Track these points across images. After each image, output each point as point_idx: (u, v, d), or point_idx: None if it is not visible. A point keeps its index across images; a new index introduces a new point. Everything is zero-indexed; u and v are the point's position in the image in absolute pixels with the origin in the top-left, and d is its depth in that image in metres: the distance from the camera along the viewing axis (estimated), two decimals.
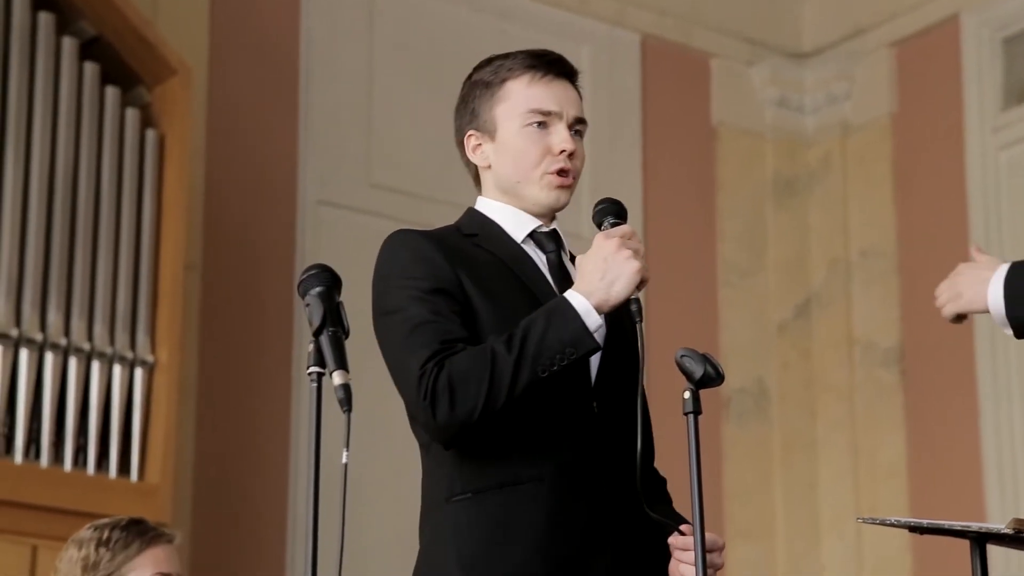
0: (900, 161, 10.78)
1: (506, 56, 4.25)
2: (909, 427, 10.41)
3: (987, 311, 4.12)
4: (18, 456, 7.71)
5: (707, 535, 3.83)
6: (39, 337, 7.87)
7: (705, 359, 3.81)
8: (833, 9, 11.16)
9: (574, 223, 4.56)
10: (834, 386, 10.76)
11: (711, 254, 10.74)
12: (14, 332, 7.83)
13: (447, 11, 9.73)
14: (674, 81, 10.95)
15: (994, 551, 4.63)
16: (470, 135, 4.21)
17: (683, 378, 3.86)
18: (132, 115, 8.39)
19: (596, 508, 3.97)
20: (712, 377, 3.79)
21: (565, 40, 10.30)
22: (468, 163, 4.28)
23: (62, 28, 8.30)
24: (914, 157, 10.71)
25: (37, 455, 7.78)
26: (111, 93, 8.35)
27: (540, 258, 4.16)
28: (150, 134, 8.42)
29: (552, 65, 4.22)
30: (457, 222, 4.22)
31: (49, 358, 7.88)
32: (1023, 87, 10.34)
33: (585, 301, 3.89)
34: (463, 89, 4.28)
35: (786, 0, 11.25)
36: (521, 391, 3.85)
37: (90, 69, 8.31)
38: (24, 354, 7.84)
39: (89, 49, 8.39)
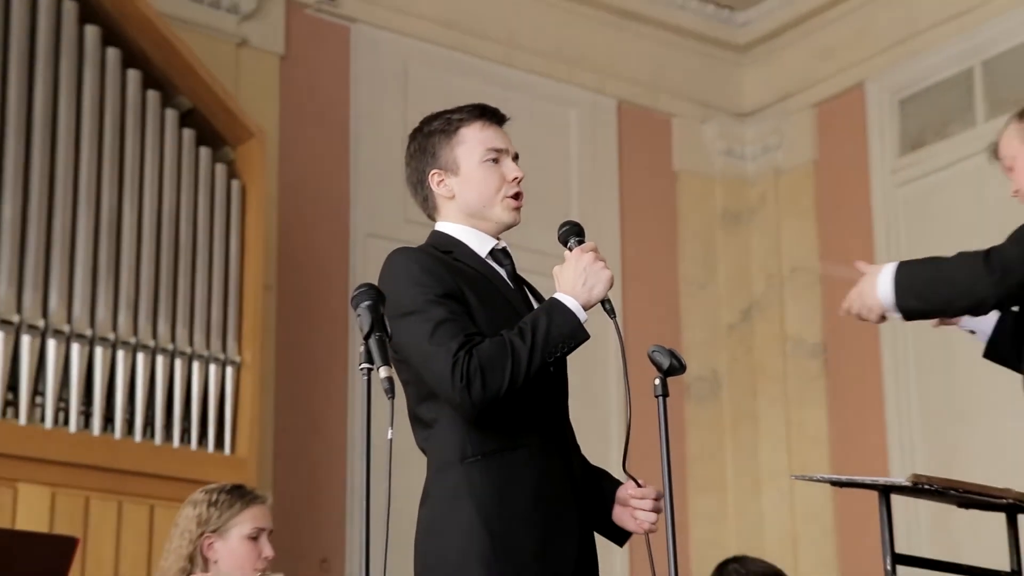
0: (820, 197, 10.79)
1: (453, 110, 4.30)
2: (830, 405, 10.45)
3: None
4: (137, 436, 7.78)
5: (652, 488, 4.08)
6: (151, 343, 7.94)
7: (671, 353, 3.99)
8: (766, 77, 11.17)
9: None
10: (771, 373, 10.80)
11: (674, 271, 10.75)
12: (133, 339, 7.89)
13: (464, 84, 9.72)
14: (643, 136, 10.93)
15: (897, 500, 4.61)
16: (434, 173, 4.22)
17: (654, 368, 3.99)
18: (221, 170, 8.47)
19: (566, 464, 4.09)
20: (676, 367, 3.96)
21: (557, 104, 10.55)
22: (426, 197, 4.29)
23: (166, 102, 8.35)
24: (831, 194, 10.74)
25: (152, 435, 7.85)
26: (204, 152, 8.43)
27: (500, 271, 4.20)
28: (235, 184, 8.51)
29: (495, 114, 4.29)
30: (428, 242, 4.24)
31: (160, 359, 7.93)
32: (916, 137, 10.36)
33: (575, 301, 3.96)
34: (416, 140, 4.30)
35: (729, 71, 11.24)
36: (533, 374, 3.89)
37: (188, 134, 8.38)
38: (141, 356, 7.88)
39: (187, 118, 8.45)
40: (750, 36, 11.18)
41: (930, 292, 4.30)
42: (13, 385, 7.52)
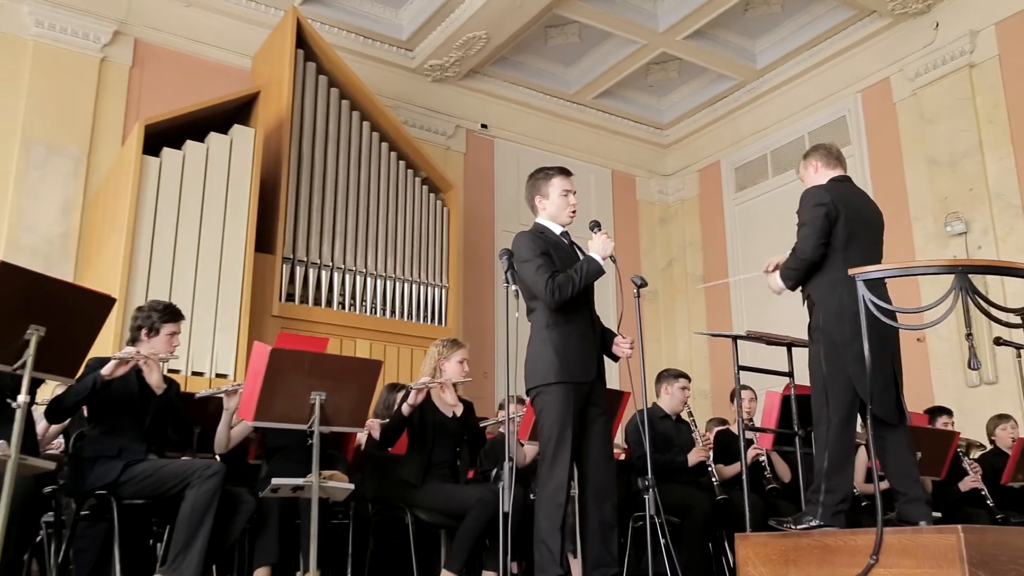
0: (702, 212, 10.56)
1: (549, 167, 4.21)
2: (707, 303, 10.26)
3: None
4: (405, 319, 7.71)
5: (629, 338, 4.08)
6: (411, 278, 7.88)
7: (641, 278, 3.98)
8: (677, 159, 10.89)
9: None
10: (680, 290, 10.53)
11: (637, 244, 10.60)
12: (403, 276, 7.82)
13: (542, 165, 9.66)
14: (622, 187, 10.69)
15: (741, 343, 4.59)
16: (537, 196, 4.15)
17: (633, 286, 4.02)
18: (439, 203, 8.36)
19: (592, 329, 4.01)
20: (644, 284, 4.01)
21: (586, 174, 10.33)
22: (533, 207, 4.18)
23: (415, 174, 8.26)
24: (707, 211, 10.50)
25: (412, 318, 7.75)
26: (432, 196, 8.31)
27: (565, 243, 4.10)
28: (445, 210, 8.37)
29: (568, 172, 4.18)
30: (532, 228, 4.14)
31: (415, 286, 7.87)
32: (741, 185, 10.16)
33: (598, 256, 3.93)
34: (531, 180, 4.19)
35: (661, 156, 10.97)
36: (582, 289, 3.88)
37: (425, 188, 8.27)
38: (406, 284, 7.83)
39: (425, 181, 8.31)
40: (670, 141, 10.86)
41: (787, 278, 4.04)
42: (353, 296, 7.49)
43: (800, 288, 4.13)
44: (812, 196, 4.05)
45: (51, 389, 4.86)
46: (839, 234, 3.99)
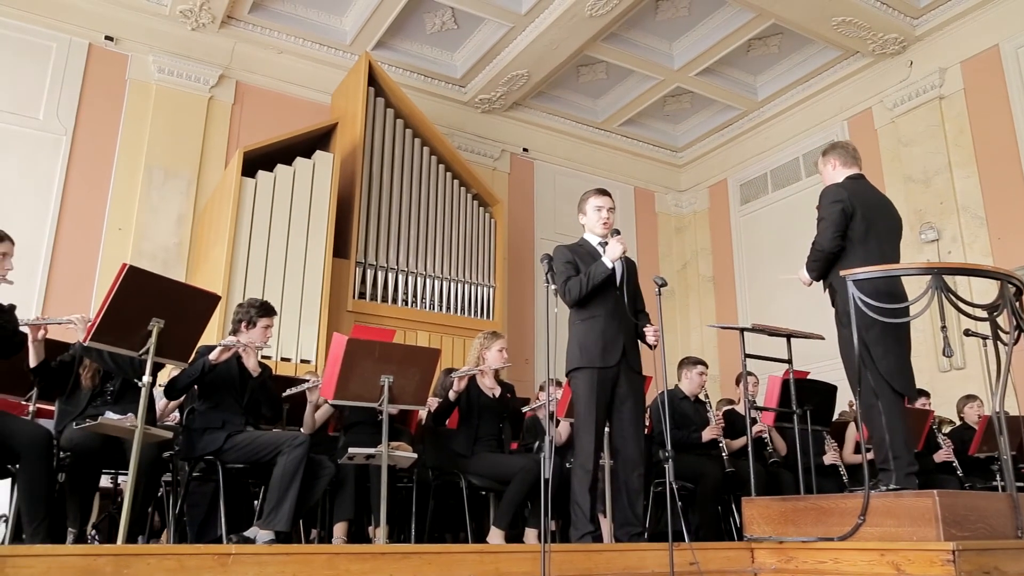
0: (712, 223, 10.46)
1: (591, 190, 4.10)
2: (716, 299, 10.15)
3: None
4: (458, 313, 7.65)
5: (655, 327, 3.89)
6: (462, 278, 7.80)
7: (662, 279, 3.80)
8: (691, 177, 10.78)
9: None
10: (693, 288, 10.40)
11: (655, 250, 10.47)
12: (458, 277, 7.77)
13: (576, 183, 9.57)
14: (644, 201, 10.60)
15: (749, 335, 4.51)
16: (580, 215, 4.05)
17: (653, 285, 3.82)
18: (487, 216, 8.28)
19: (618, 322, 3.88)
20: (664, 284, 3.81)
21: (611, 190, 9.79)
22: (582, 223, 4.07)
23: (467, 191, 8.22)
24: (716, 221, 10.43)
25: (463, 312, 7.68)
26: (481, 209, 8.25)
27: (600, 250, 3.96)
28: (492, 221, 8.28)
29: (604, 193, 4.09)
30: (577, 242, 4.06)
31: (467, 286, 7.80)
32: (745, 198, 10.07)
33: (609, 259, 3.85)
34: (580, 201, 4.08)
35: (676, 175, 10.87)
36: (592, 289, 3.81)
37: (475, 203, 8.21)
38: (457, 284, 7.75)
39: (475, 197, 8.24)
40: (684, 161, 10.73)
41: (810, 269, 3.80)
42: (415, 294, 7.44)
43: (823, 280, 3.94)
44: (830, 193, 3.83)
45: (168, 372, 4.94)
46: (857, 228, 3.77)
